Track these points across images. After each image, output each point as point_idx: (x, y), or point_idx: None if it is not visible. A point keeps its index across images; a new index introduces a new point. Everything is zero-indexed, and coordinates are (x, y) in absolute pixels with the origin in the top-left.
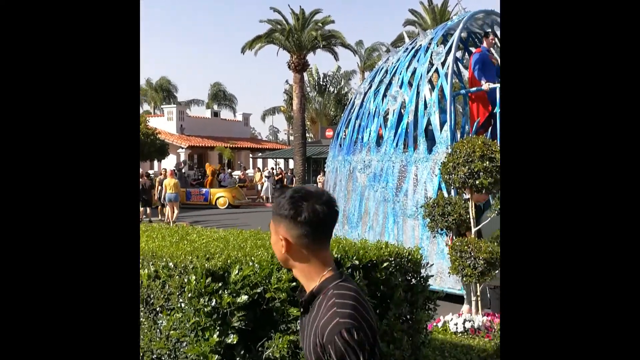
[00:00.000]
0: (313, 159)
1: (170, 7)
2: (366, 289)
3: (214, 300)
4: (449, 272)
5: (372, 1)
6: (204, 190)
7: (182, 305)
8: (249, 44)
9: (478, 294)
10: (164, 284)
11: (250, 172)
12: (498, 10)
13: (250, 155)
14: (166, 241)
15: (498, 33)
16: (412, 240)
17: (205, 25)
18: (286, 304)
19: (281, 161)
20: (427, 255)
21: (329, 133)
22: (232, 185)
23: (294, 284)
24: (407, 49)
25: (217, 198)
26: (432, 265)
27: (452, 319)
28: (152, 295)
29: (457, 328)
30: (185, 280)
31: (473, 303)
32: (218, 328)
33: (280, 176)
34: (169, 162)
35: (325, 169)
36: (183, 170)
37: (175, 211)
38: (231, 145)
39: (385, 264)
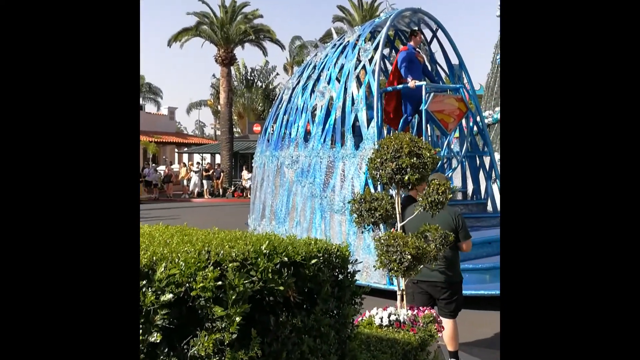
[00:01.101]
0: (240, 154)
1: None
2: (293, 285)
3: None
4: (375, 266)
5: None
6: None
7: None
8: (174, 36)
9: (403, 287)
10: None
11: (175, 167)
12: (425, 9)
13: (176, 150)
14: None
15: (424, 31)
16: (339, 236)
17: None
18: (211, 302)
19: (207, 156)
20: (354, 250)
21: (256, 128)
22: (156, 181)
23: (220, 282)
24: (335, 45)
25: None
26: (360, 262)
27: (377, 312)
28: None
29: (382, 322)
30: None
31: (398, 297)
32: (141, 326)
33: (209, 172)
34: None
35: (252, 165)
36: None
37: None
38: (156, 140)
39: (314, 261)
